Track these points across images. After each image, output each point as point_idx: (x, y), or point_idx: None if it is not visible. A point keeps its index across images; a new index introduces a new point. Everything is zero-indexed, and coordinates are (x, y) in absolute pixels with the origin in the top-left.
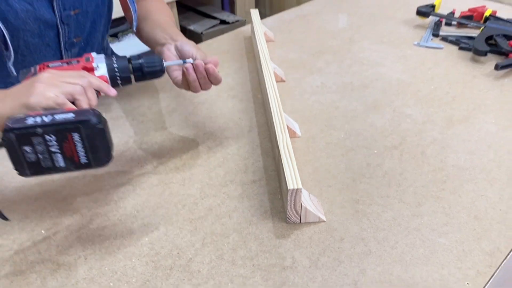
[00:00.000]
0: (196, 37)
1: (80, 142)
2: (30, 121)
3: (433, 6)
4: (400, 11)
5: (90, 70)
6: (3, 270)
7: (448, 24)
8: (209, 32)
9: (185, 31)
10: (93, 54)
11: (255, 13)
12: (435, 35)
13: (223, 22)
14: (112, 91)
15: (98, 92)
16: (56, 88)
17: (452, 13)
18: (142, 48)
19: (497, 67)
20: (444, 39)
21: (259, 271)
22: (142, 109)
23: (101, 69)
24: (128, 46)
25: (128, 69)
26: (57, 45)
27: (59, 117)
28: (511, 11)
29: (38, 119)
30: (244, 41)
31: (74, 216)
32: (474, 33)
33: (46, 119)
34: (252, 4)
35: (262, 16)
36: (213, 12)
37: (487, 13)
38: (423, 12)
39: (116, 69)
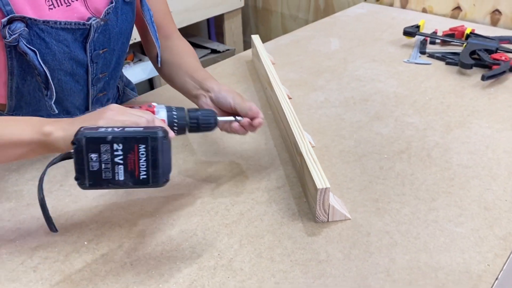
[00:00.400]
0: None
1: (144, 155)
2: (102, 129)
3: (418, 27)
4: (386, 33)
5: (152, 113)
6: (53, 279)
7: (432, 42)
8: (201, 61)
9: None
10: (154, 103)
11: (256, 38)
12: (422, 52)
13: (213, 51)
14: (171, 133)
15: None
16: (124, 116)
17: (435, 32)
18: (141, 76)
19: (483, 78)
20: (431, 55)
21: (297, 266)
22: None
23: (161, 114)
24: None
25: (185, 119)
26: (85, 81)
27: (129, 129)
28: (485, 29)
29: (110, 129)
30: (246, 64)
31: (113, 228)
32: (457, 49)
33: (117, 129)
34: (239, 35)
35: (248, 45)
36: (203, 42)
37: (467, 31)
38: (409, 32)
39: (175, 117)
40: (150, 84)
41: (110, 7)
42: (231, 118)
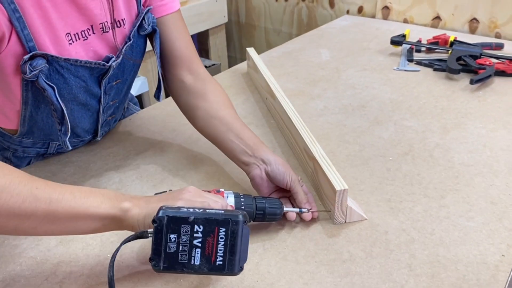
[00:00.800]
0: None
1: (223, 239)
2: (183, 209)
3: (404, 36)
4: (372, 43)
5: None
6: None
7: (417, 50)
8: None
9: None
10: (222, 189)
11: (252, 50)
12: (410, 60)
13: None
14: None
15: None
16: (201, 198)
17: (419, 41)
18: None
19: (472, 82)
20: (419, 63)
21: (322, 266)
22: (167, 141)
23: (230, 199)
24: None
25: (252, 207)
26: (96, 110)
27: (210, 211)
28: (464, 37)
29: (191, 209)
30: (242, 77)
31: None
32: (442, 56)
33: (199, 211)
34: (224, 49)
35: (233, 60)
36: None
37: (451, 39)
38: (396, 41)
39: (243, 204)
40: (139, 102)
41: (128, 45)
42: (297, 209)
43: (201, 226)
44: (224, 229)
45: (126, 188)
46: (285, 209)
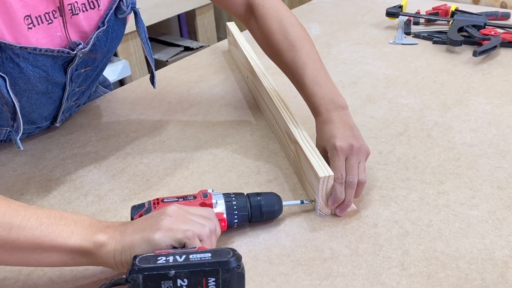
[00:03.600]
0: (161, 65)
1: None
2: (161, 260)
3: (400, 7)
4: (367, 16)
5: (209, 206)
6: None
7: (416, 23)
8: (173, 59)
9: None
10: (210, 190)
11: (232, 25)
12: (407, 33)
13: (186, 48)
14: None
15: None
16: (185, 225)
17: (418, 12)
18: (111, 78)
19: (475, 54)
20: (417, 36)
21: (299, 267)
22: (134, 125)
23: (220, 207)
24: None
25: (247, 207)
26: (59, 97)
27: (194, 257)
28: (467, 8)
29: (171, 258)
30: (223, 54)
31: None
32: (443, 28)
33: (180, 259)
34: (213, 31)
35: (222, 40)
36: (175, 40)
37: (452, 8)
38: (392, 13)
39: (235, 206)
40: (121, 85)
41: (100, 31)
42: (297, 202)
43: (185, 280)
44: (213, 279)
45: (82, 179)
46: (284, 203)
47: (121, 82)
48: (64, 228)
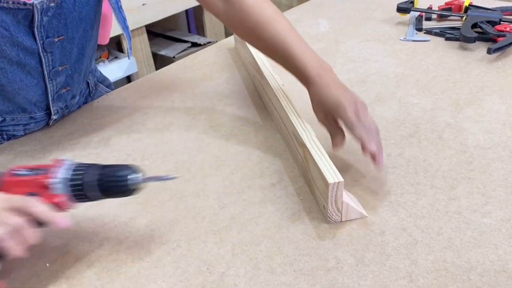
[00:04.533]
0: (168, 62)
1: None
2: None
3: (412, 2)
4: (377, 11)
5: (45, 188)
6: None
7: (428, 18)
8: (181, 55)
9: (156, 57)
10: (66, 160)
11: None
12: (419, 29)
13: (194, 44)
14: (62, 222)
15: None
16: None
17: (430, 8)
18: (117, 74)
19: (489, 51)
20: (429, 32)
21: (302, 277)
22: (136, 126)
23: (59, 185)
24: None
25: (90, 180)
26: (40, 74)
27: None
28: (482, 2)
29: None
30: (229, 52)
31: (81, 244)
32: (456, 24)
33: None
34: (221, 26)
35: (230, 36)
36: (183, 36)
37: (466, 3)
38: (403, 8)
39: (80, 184)
40: (128, 82)
41: None
42: (167, 177)
43: None
44: None
45: None
46: (141, 178)
47: (128, 79)
48: None
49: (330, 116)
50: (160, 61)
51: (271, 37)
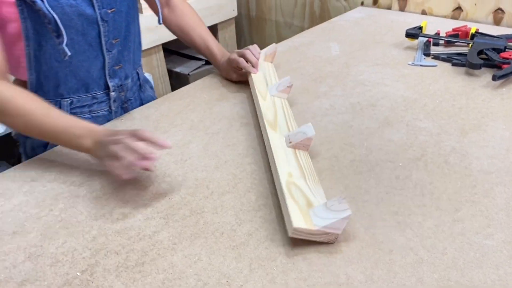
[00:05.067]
0: (183, 79)
1: None
2: None
3: (420, 28)
4: (386, 36)
5: None
6: None
7: (435, 44)
8: (195, 73)
9: (171, 74)
10: None
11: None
12: (427, 54)
13: (208, 62)
14: (166, 142)
15: None
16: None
17: (438, 33)
18: None
19: (494, 78)
20: (436, 57)
21: None
22: None
23: None
24: None
25: None
26: (98, 45)
27: None
28: (488, 29)
29: None
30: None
31: (109, 255)
32: (462, 50)
33: None
34: (234, 44)
35: None
36: (196, 53)
37: (473, 30)
38: (412, 34)
39: None
40: None
41: None
42: None
43: None
44: None
45: (107, 197)
46: None
47: None
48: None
49: (233, 68)
50: (175, 78)
51: (198, 37)
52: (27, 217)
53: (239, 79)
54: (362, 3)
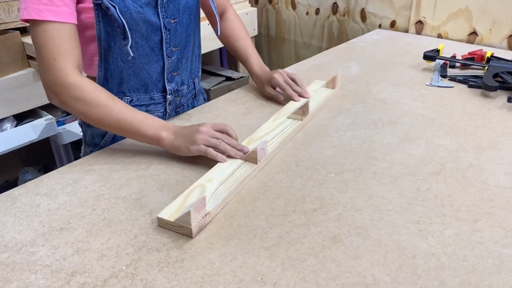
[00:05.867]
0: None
1: None
2: None
3: (437, 51)
4: (405, 57)
5: None
6: None
7: (452, 66)
8: (216, 88)
9: None
10: None
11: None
12: (443, 76)
13: (228, 78)
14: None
15: None
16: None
17: (454, 56)
18: None
19: (510, 100)
20: (453, 79)
21: None
22: None
23: None
24: None
25: None
26: (160, 51)
27: None
28: (502, 53)
29: None
30: None
31: (151, 252)
32: (478, 72)
33: None
34: None
35: None
36: (217, 70)
37: (488, 54)
38: (430, 56)
39: None
40: None
41: None
42: None
43: None
44: None
45: (146, 199)
46: None
47: None
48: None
49: (269, 86)
50: None
51: (242, 46)
52: (72, 216)
53: (271, 95)
54: (379, 26)
